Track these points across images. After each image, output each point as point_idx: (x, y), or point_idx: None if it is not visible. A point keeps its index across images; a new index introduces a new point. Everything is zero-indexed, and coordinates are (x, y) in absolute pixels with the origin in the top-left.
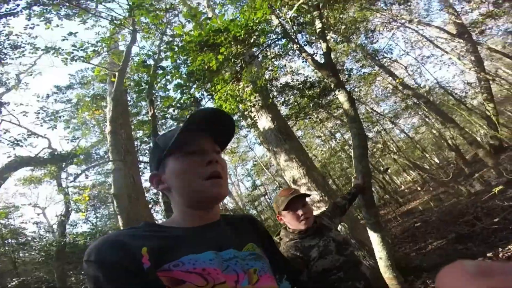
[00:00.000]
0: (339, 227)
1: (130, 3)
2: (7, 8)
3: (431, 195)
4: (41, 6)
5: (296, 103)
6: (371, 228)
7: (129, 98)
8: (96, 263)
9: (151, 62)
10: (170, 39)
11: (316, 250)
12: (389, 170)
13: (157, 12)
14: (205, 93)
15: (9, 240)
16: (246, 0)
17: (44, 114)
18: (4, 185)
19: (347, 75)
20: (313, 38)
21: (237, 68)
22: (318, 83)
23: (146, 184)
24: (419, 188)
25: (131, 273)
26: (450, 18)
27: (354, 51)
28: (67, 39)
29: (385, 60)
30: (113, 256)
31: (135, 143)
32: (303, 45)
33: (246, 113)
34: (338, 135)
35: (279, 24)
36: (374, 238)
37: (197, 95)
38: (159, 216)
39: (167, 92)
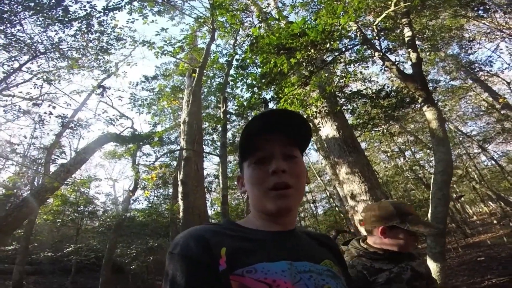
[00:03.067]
0: None
1: (211, 2)
2: (114, 3)
3: (510, 231)
4: (140, 2)
5: (365, 112)
6: (433, 257)
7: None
8: (179, 256)
9: (225, 59)
10: (243, 38)
11: (386, 275)
12: (462, 198)
13: (234, 12)
14: (273, 95)
15: (81, 208)
16: (317, 2)
17: (133, 99)
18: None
19: (431, 87)
20: (394, 44)
21: (305, 72)
22: (395, 93)
23: (204, 172)
24: (495, 222)
25: (207, 273)
26: None
27: (443, 61)
28: (159, 34)
29: (481, 73)
30: (196, 253)
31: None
32: (384, 52)
33: (308, 117)
34: (408, 153)
35: (357, 30)
36: (432, 268)
37: (265, 96)
38: (207, 204)
39: (234, 90)
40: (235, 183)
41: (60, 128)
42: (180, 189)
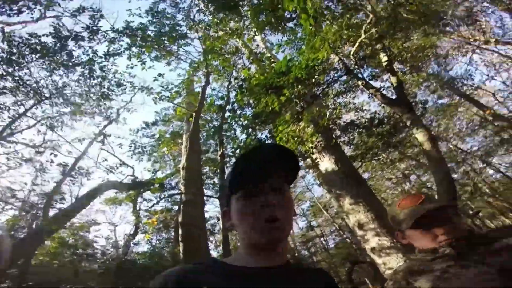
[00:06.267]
0: None
1: (204, 47)
2: (114, 48)
3: None
4: (138, 48)
5: (362, 143)
6: None
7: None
8: None
9: (220, 102)
10: (237, 80)
11: (430, 277)
12: (479, 214)
13: (225, 55)
14: (268, 135)
15: (79, 250)
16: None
17: (133, 147)
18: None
19: (421, 108)
20: (377, 71)
21: (297, 108)
22: (387, 119)
23: (207, 215)
24: None
25: None
26: None
27: (427, 81)
28: (157, 80)
29: (465, 88)
30: None
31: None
32: (368, 80)
33: (306, 154)
34: (413, 177)
35: (339, 61)
36: None
37: (260, 136)
38: (211, 246)
39: (232, 132)
40: None
41: (61, 176)
42: (180, 231)
